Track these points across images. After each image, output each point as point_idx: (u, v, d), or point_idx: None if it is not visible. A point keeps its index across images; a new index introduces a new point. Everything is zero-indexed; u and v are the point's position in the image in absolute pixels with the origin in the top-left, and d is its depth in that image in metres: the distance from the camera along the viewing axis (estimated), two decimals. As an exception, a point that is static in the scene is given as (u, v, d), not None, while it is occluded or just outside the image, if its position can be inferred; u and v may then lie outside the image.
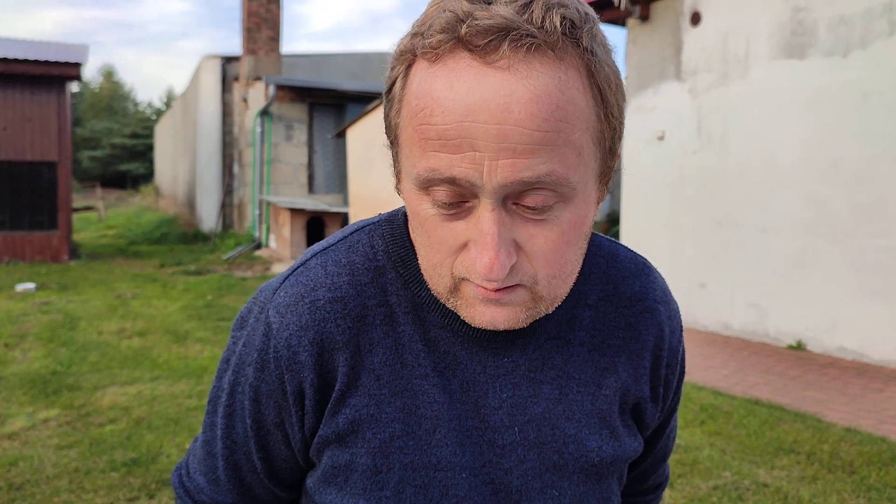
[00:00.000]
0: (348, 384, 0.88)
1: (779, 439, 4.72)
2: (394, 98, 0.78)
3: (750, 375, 6.47)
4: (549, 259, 0.77)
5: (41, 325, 8.43)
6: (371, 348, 0.88)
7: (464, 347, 0.90)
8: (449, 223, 0.76)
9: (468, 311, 0.81)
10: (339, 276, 0.90)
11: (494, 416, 0.90)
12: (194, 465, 1.03)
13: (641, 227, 9.43)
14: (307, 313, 0.87)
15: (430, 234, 0.78)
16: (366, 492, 0.88)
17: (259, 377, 0.90)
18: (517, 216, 0.75)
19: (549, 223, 0.75)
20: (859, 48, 6.90)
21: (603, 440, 0.93)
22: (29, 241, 15.11)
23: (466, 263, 0.77)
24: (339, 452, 0.89)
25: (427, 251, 0.80)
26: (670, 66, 8.94)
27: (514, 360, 0.91)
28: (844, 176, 7.04)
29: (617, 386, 0.95)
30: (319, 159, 17.51)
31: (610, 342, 0.95)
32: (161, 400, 5.55)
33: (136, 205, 34.52)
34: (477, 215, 0.74)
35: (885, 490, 3.99)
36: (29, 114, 14.99)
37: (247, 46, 17.92)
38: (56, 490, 3.91)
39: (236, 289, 11.58)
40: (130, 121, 50.18)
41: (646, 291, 0.99)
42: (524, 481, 0.90)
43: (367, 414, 0.88)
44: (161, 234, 21.06)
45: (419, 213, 0.78)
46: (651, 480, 1.18)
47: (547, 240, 0.76)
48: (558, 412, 0.92)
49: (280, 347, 0.87)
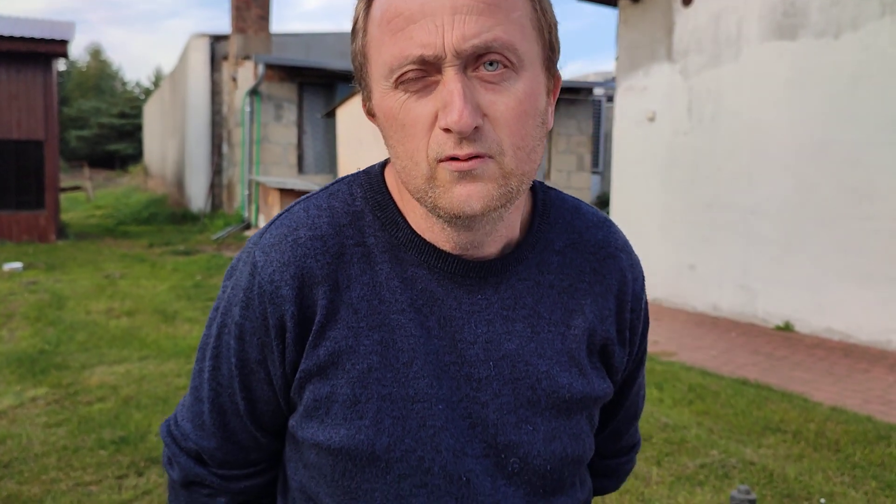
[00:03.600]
0: (327, 317, 0.92)
1: (766, 418, 4.76)
2: (358, 30, 0.90)
3: (738, 356, 6.51)
4: (511, 125, 0.84)
5: (28, 304, 8.39)
6: (349, 284, 0.93)
7: (440, 284, 0.95)
8: (419, 102, 0.84)
9: (445, 197, 0.85)
10: (319, 218, 0.96)
11: (470, 351, 0.95)
12: (182, 413, 1.07)
13: (631, 208, 9.44)
14: (289, 250, 0.93)
15: (405, 121, 0.85)
16: (346, 421, 0.92)
17: (244, 315, 0.95)
18: (477, 83, 0.83)
19: (506, 91, 0.84)
20: (850, 29, 6.89)
21: (573, 378, 0.98)
22: (16, 221, 15.01)
23: (438, 139, 0.83)
24: (320, 385, 0.93)
25: (404, 144, 0.86)
26: (661, 48, 8.92)
27: (487, 298, 0.96)
28: (833, 159, 7.05)
29: (584, 326, 1.00)
30: (309, 139, 17.42)
31: (577, 286, 1.01)
32: (150, 379, 5.54)
33: (124, 185, 34.30)
34: (442, 83, 0.82)
35: (870, 468, 4.03)
36: (15, 92, 14.84)
37: (236, 25, 17.76)
38: (44, 468, 3.91)
39: (225, 269, 11.51)
40: (118, 100, 49.69)
41: (608, 240, 1.06)
42: (500, 415, 0.95)
43: (345, 346, 0.92)
44: (150, 214, 20.95)
45: (391, 107, 0.86)
46: (624, 440, 1.22)
47: (507, 106, 0.83)
48: (531, 349, 0.97)
49: (264, 283, 0.93)
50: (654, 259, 8.80)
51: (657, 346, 6.81)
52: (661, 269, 8.83)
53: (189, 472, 1.05)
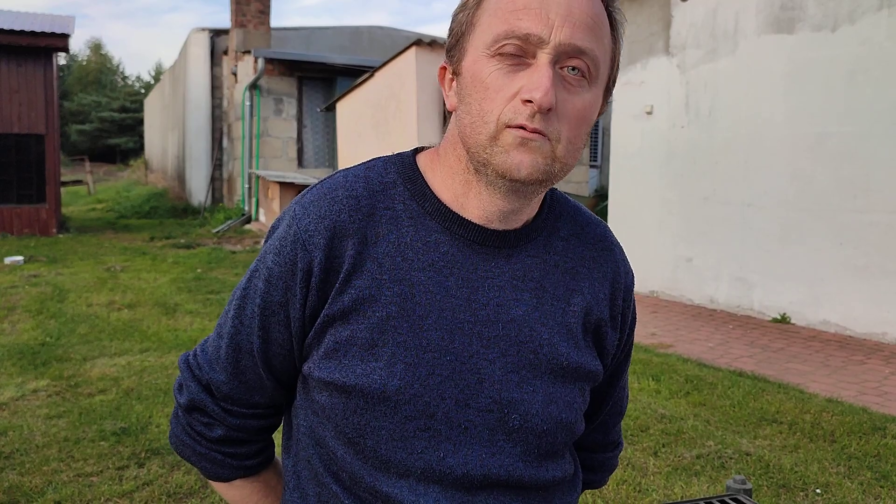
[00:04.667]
0: (354, 267, 1.01)
1: (762, 410, 4.79)
2: (468, 4, 1.01)
3: (735, 348, 6.55)
4: (572, 123, 0.97)
5: (30, 297, 8.43)
6: (377, 240, 1.03)
7: (460, 250, 1.04)
8: (508, 75, 0.95)
9: (501, 157, 0.96)
10: (356, 182, 1.06)
11: (482, 312, 1.04)
12: (202, 346, 1.17)
13: (629, 201, 9.46)
14: (326, 205, 1.03)
15: (490, 85, 0.96)
16: (362, 362, 1.00)
17: (275, 261, 1.04)
18: (559, 80, 0.95)
19: (578, 95, 0.97)
20: (847, 22, 6.90)
21: (570, 348, 1.08)
22: (17, 215, 15.03)
23: (515, 107, 0.94)
24: (341, 329, 1.01)
25: (481, 104, 0.97)
26: (659, 42, 8.94)
27: (500, 267, 1.06)
28: (830, 152, 7.07)
29: (582, 304, 1.11)
30: (309, 133, 17.44)
31: (578, 269, 1.12)
32: (151, 371, 5.58)
33: (125, 179, 34.30)
34: (535, 67, 0.94)
35: (865, 459, 4.06)
36: (15, 86, 14.85)
37: (236, 20, 17.75)
38: (45, 459, 3.94)
39: (226, 262, 11.58)
40: (119, 95, 49.58)
41: (605, 235, 1.19)
42: (504, 373, 1.03)
43: (368, 294, 1.01)
44: (150, 207, 20.98)
45: (482, 70, 0.97)
46: (611, 435, 1.33)
47: (574, 106, 0.97)
48: (535, 317, 1.06)
49: (300, 231, 1.02)
50: (652, 252, 8.83)
51: (654, 337, 6.84)
52: (658, 261, 8.86)
53: (195, 397, 1.13)
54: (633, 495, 3.62)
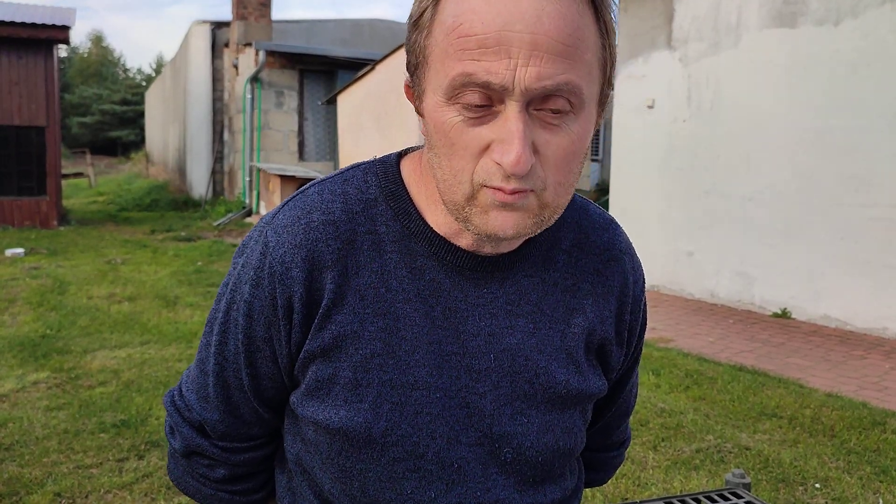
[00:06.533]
0: (334, 301, 0.94)
1: (762, 404, 4.79)
2: (423, 25, 0.85)
3: (735, 342, 6.54)
4: (560, 166, 0.84)
5: (31, 289, 8.43)
6: (358, 270, 0.95)
7: (447, 276, 0.96)
8: (473, 128, 0.82)
9: (481, 218, 0.86)
10: (332, 203, 0.96)
11: (472, 343, 0.97)
12: (187, 384, 1.10)
13: (630, 195, 9.45)
14: (301, 233, 0.94)
15: (455, 141, 0.83)
16: (346, 403, 0.94)
17: (253, 293, 0.96)
18: (536, 121, 0.82)
19: (563, 131, 0.83)
20: (850, 17, 6.88)
21: (570, 374, 1.01)
22: (18, 207, 15.03)
23: (487, 167, 0.83)
24: (323, 366, 0.95)
25: (449, 160, 0.85)
26: (661, 35, 8.91)
27: (492, 292, 0.98)
28: (832, 146, 7.06)
29: (584, 325, 1.02)
30: (310, 126, 17.42)
31: (580, 285, 1.03)
32: (151, 363, 5.58)
33: (126, 171, 34.30)
34: (504, 118, 0.81)
35: (865, 454, 4.06)
36: (16, 78, 14.83)
37: (237, 12, 17.72)
38: (45, 450, 3.95)
39: (227, 255, 11.57)
40: (120, 87, 49.60)
41: (613, 242, 1.08)
42: (496, 406, 0.97)
43: (350, 330, 0.94)
44: (151, 200, 20.97)
45: (444, 123, 0.84)
46: (615, 436, 1.26)
47: (559, 147, 0.83)
48: (531, 345, 0.99)
49: (275, 263, 0.94)
50: (653, 246, 8.82)
51: (655, 332, 6.84)
52: (659, 255, 8.85)
53: (191, 442, 1.07)
54: (633, 489, 3.62)
